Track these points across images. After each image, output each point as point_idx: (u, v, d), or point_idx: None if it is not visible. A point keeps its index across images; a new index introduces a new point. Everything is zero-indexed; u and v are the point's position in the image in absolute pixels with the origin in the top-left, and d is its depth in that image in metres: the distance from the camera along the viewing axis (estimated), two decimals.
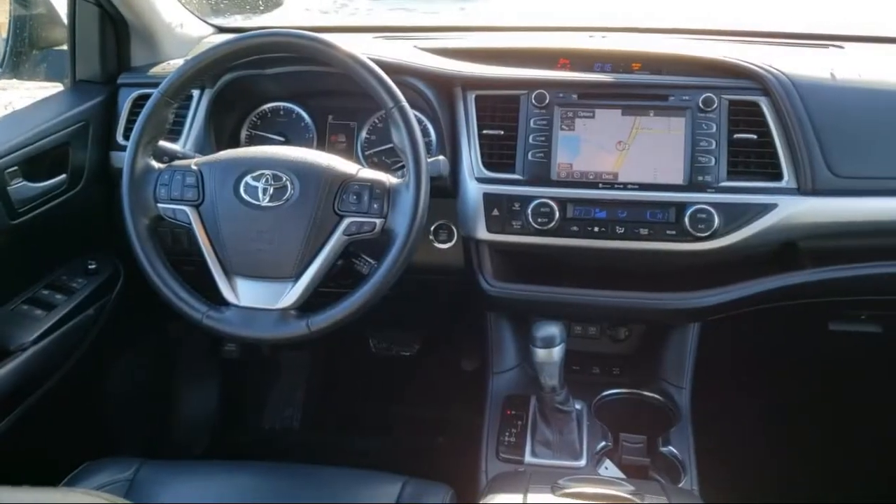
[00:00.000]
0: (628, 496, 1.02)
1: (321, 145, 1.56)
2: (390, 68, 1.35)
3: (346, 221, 1.21)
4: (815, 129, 1.35)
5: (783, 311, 1.47)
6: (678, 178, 1.37)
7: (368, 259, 1.30)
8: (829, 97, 1.39)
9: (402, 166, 1.24)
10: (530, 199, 1.38)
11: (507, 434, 1.36)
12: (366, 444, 2.03)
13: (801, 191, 1.35)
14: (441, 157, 1.34)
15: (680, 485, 1.27)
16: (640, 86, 1.43)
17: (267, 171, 1.23)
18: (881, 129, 1.38)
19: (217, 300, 1.24)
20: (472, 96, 1.45)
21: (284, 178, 1.23)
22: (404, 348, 2.06)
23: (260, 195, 1.22)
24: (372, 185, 1.23)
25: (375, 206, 1.21)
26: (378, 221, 1.21)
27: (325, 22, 2.53)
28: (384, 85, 1.24)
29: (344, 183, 1.23)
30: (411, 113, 1.24)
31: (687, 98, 1.39)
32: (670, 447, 1.34)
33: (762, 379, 1.88)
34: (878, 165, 1.36)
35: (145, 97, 1.38)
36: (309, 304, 1.22)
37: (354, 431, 2.10)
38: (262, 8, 2.36)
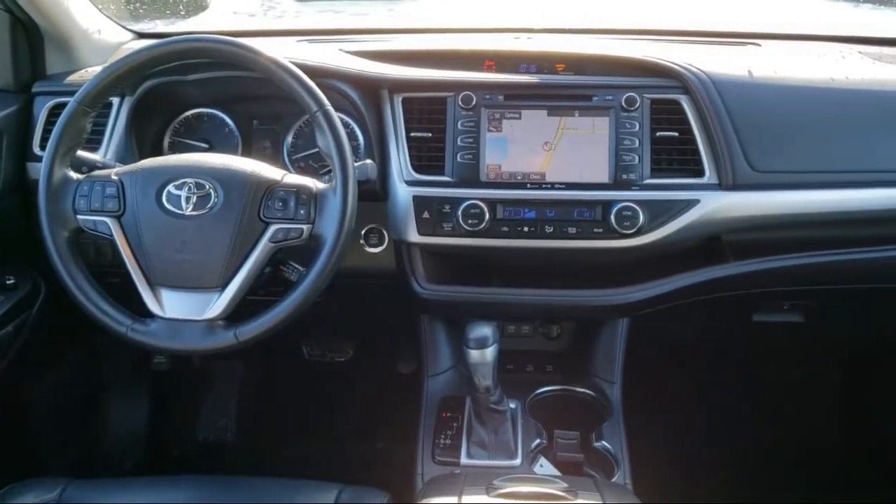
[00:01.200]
0: (562, 493, 1.03)
1: (246, 151, 1.54)
2: (314, 72, 1.34)
3: (272, 228, 1.20)
4: (734, 126, 1.38)
5: (709, 304, 1.50)
6: (604, 176, 1.39)
7: (297, 266, 1.28)
8: (746, 94, 1.43)
9: (330, 171, 1.23)
10: (460, 200, 1.38)
11: (442, 436, 1.36)
12: (302, 453, 2.00)
13: (721, 186, 1.39)
14: (368, 161, 1.34)
15: (613, 479, 1.29)
16: (564, 86, 1.45)
17: (189, 180, 1.21)
18: (796, 125, 1.42)
19: (143, 312, 1.21)
20: (398, 99, 1.44)
21: (208, 186, 1.20)
22: (339, 354, 2.04)
23: (183, 204, 1.20)
24: (298, 191, 1.21)
25: (302, 212, 1.20)
26: (305, 227, 1.20)
27: (252, 25, 2.48)
28: (307, 89, 1.22)
29: (269, 189, 1.21)
30: (336, 116, 1.23)
31: (610, 98, 1.41)
32: (603, 442, 1.36)
33: (691, 370, 1.93)
34: (795, 160, 1.41)
35: (62, 106, 1.34)
36: (237, 314, 1.20)
37: (290, 440, 2.07)
38: (183, 12, 2.31)
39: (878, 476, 1.93)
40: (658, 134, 1.41)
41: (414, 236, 1.40)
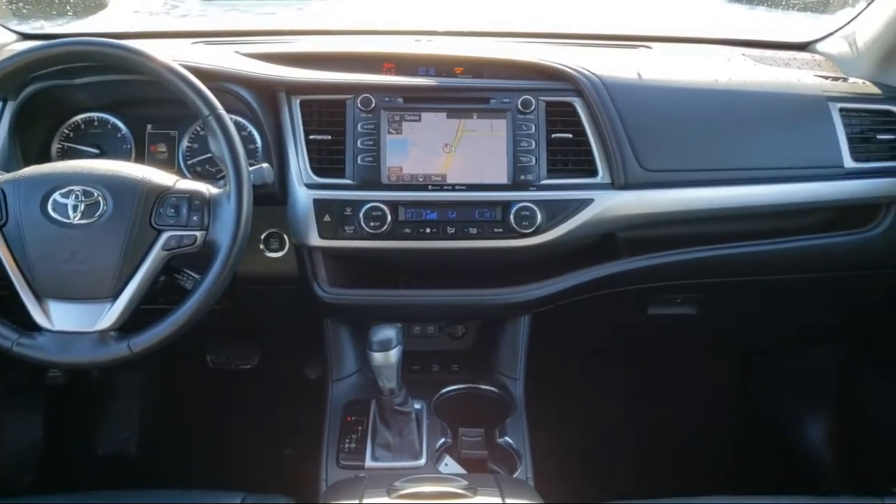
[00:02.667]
0: (461, 491, 1.04)
1: (140, 157, 1.49)
2: (207, 75, 1.32)
3: (164, 236, 1.17)
4: (625, 127, 1.43)
5: (607, 299, 1.55)
6: (503, 177, 1.42)
7: (192, 273, 1.26)
8: (636, 96, 1.48)
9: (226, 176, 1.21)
10: (362, 203, 1.38)
11: (347, 440, 1.35)
12: (209, 463, 1.96)
13: (614, 185, 1.43)
14: (265, 165, 1.32)
15: (516, 474, 1.31)
16: (462, 89, 1.47)
17: (76, 187, 1.17)
18: (683, 125, 1.48)
19: (30, 326, 1.16)
20: (296, 101, 1.43)
21: (96, 194, 1.17)
22: (244, 361, 2.01)
23: (70, 213, 1.16)
24: (191, 197, 1.19)
25: (195, 218, 1.18)
26: (199, 234, 1.18)
27: (151, 26, 2.41)
28: (198, 93, 1.20)
29: (161, 195, 1.18)
30: (229, 120, 1.22)
31: (507, 100, 1.44)
32: (506, 438, 1.38)
33: (591, 364, 1.99)
34: (682, 159, 1.47)
35: None
36: (131, 324, 1.17)
37: (195, 451, 2.03)
38: (71, 12, 2.22)
39: (768, 462, 2.04)
40: (553, 136, 1.44)
41: (315, 240, 1.39)
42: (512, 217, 1.39)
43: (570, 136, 1.45)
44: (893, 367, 1.73)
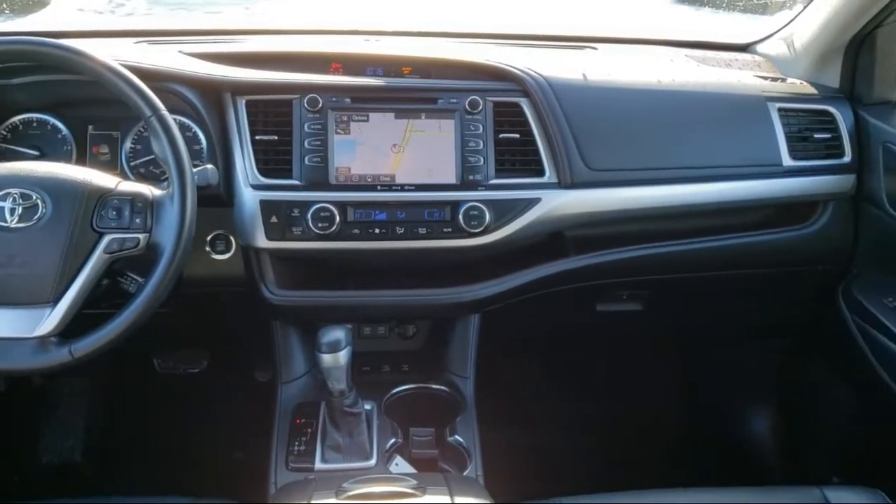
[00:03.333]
0: (410, 491, 1.04)
1: (81, 158, 1.46)
2: (149, 75, 1.30)
3: (106, 239, 1.15)
4: (571, 127, 1.45)
5: (555, 296, 1.57)
6: (451, 177, 1.43)
7: (135, 277, 1.23)
8: (582, 97, 1.50)
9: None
10: (309, 204, 1.37)
11: (296, 443, 1.34)
12: (158, 469, 1.93)
13: (561, 185, 1.45)
14: (209, 166, 1.31)
15: (465, 472, 1.32)
16: (410, 89, 1.47)
17: (13, 190, 1.14)
18: (627, 125, 1.51)
19: None
20: (242, 102, 1.41)
21: (35, 197, 1.14)
22: (192, 365, 1.97)
23: (7, 216, 1.13)
24: (133, 199, 1.17)
25: (138, 220, 1.17)
26: (142, 237, 1.16)
27: (95, 25, 2.36)
28: (140, 93, 1.19)
29: (102, 198, 1.16)
30: (172, 121, 1.20)
31: (455, 101, 1.44)
32: (457, 436, 1.39)
33: (541, 361, 2.01)
34: (627, 158, 1.49)
35: None
36: (73, 329, 1.15)
37: (143, 457, 1.99)
38: (8, 11, 2.16)
39: (713, 455, 2.08)
40: (501, 136, 1.45)
41: (262, 241, 1.38)
42: (461, 217, 1.40)
43: (518, 136, 1.46)
44: (832, 360, 1.78)
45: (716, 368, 2.17)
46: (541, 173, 1.45)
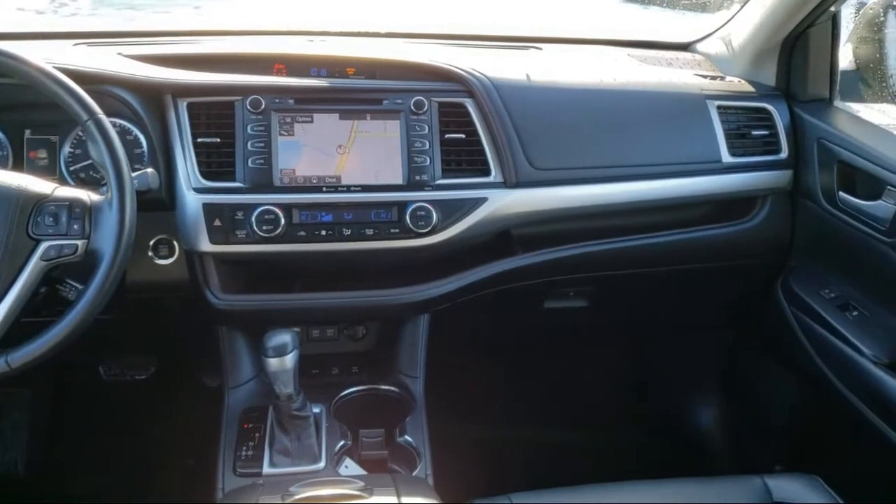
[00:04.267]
0: (357, 493, 1.04)
1: (18, 164, 1.42)
2: (86, 78, 1.28)
3: (43, 246, 1.13)
4: (516, 127, 1.46)
5: (504, 294, 1.58)
6: (398, 178, 1.43)
7: (75, 284, 1.21)
8: (526, 97, 1.51)
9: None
10: (254, 206, 1.36)
11: (244, 448, 1.33)
12: (107, 479, 1.89)
13: (507, 184, 1.46)
14: (149, 170, 1.28)
15: (415, 472, 1.32)
16: (354, 90, 1.47)
17: None
18: (570, 124, 1.53)
19: None
20: (183, 104, 1.39)
21: None
22: (139, 372, 1.94)
23: None
24: (70, 205, 1.15)
25: (76, 226, 1.14)
26: (80, 243, 1.14)
27: (32, 27, 2.31)
28: (76, 97, 1.16)
29: (38, 204, 1.14)
30: (109, 125, 1.18)
31: (400, 101, 1.44)
32: (406, 437, 1.39)
33: (490, 359, 2.02)
34: (570, 157, 1.51)
35: None
36: (11, 339, 1.12)
37: (90, 468, 1.95)
38: None
39: (662, 446, 2.12)
40: (447, 136, 1.46)
41: (206, 245, 1.36)
42: (408, 217, 1.40)
43: (463, 136, 1.47)
44: (773, 351, 1.83)
45: (662, 361, 2.21)
46: (486, 173, 1.46)
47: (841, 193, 1.52)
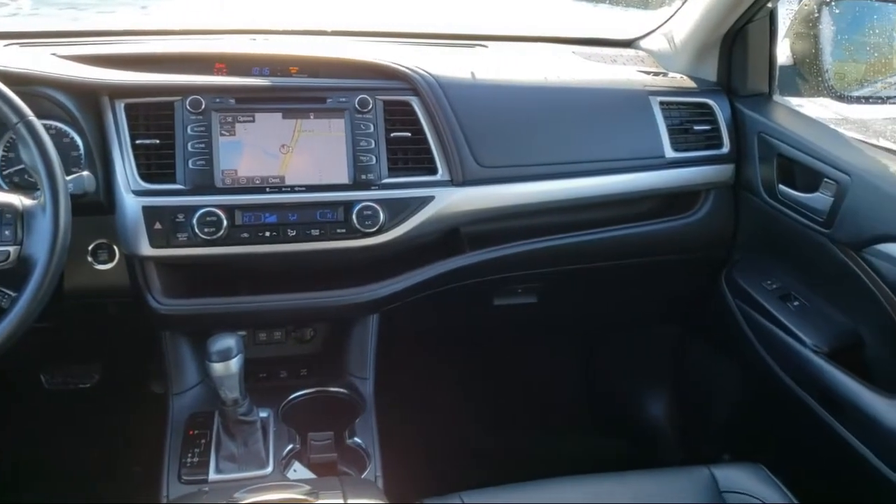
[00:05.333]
0: (303, 497, 1.03)
1: None
2: (16, 79, 1.24)
3: None
4: (461, 125, 1.46)
5: (453, 293, 1.58)
6: (343, 177, 1.41)
7: (8, 291, 1.17)
8: (471, 95, 1.51)
9: None
10: (195, 208, 1.33)
11: (189, 455, 1.30)
12: (51, 489, 1.84)
13: (454, 182, 1.46)
14: (85, 173, 1.25)
15: (364, 474, 1.31)
16: (297, 89, 1.45)
17: None
18: (515, 122, 1.53)
19: None
20: (120, 105, 1.36)
21: None
22: (83, 380, 1.89)
23: None
24: (1, 210, 1.12)
25: (7, 232, 1.11)
26: (12, 249, 1.11)
27: None
28: (4, 98, 1.13)
29: None
30: (40, 127, 1.15)
31: (344, 100, 1.43)
32: (356, 438, 1.38)
33: (441, 358, 2.02)
34: (515, 155, 1.51)
35: None
36: None
37: (32, 481, 1.89)
38: None
39: (613, 440, 2.14)
40: (392, 134, 1.45)
41: (146, 249, 1.33)
42: (354, 217, 1.39)
43: (409, 134, 1.46)
44: (719, 343, 1.86)
45: (613, 355, 2.23)
46: (433, 171, 1.46)
47: (781, 186, 1.55)
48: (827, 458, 1.49)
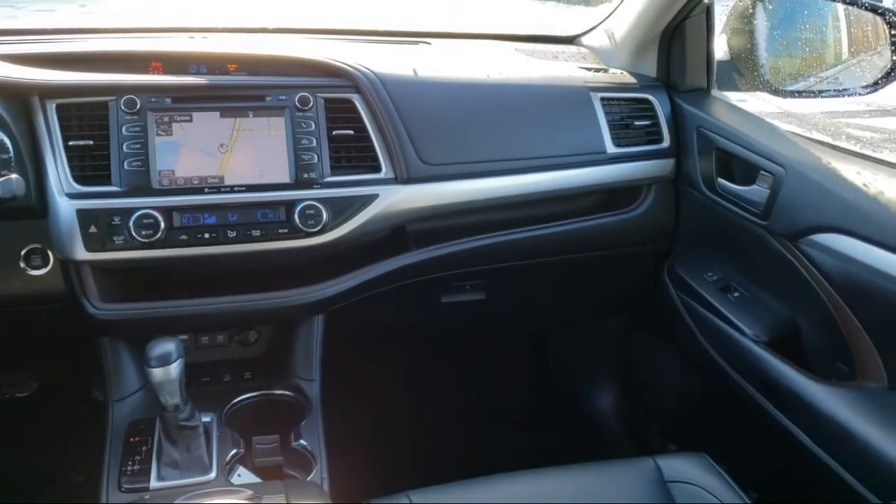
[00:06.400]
0: (245, 501, 1.01)
1: None
2: None
3: None
4: (404, 122, 1.45)
5: (400, 291, 1.57)
6: (284, 176, 1.39)
7: None
8: (414, 92, 1.50)
9: None
10: (131, 211, 1.30)
11: (130, 462, 1.27)
12: None
13: (398, 180, 1.45)
14: (14, 176, 1.22)
15: (310, 477, 1.30)
16: (235, 87, 1.42)
17: None
18: (458, 119, 1.53)
19: None
20: (52, 106, 1.32)
21: None
22: (20, 389, 1.83)
23: None
24: None
25: None
26: None
27: None
28: None
29: None
30: None
31: (284, 98, 1.41)
32: (301, 441, 1.36)
33: (390, 357, 2.01)
34: (459, 152, 1.51)
35: None
36: None
37: None
38: None
39: (563, 434, 2.16)
40: (335, 132, 1.43)
41: (81, 253, 1.30)
42: (296, 216, 1.37)
43: (352, 132, 1.44)
44: (664, 335, 1.89)
45: (560, 350, 2.25)
46: (377, 169, 1.45)
47: (719, 180, 1.58)
48: (768, 445, 1.52)
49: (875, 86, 1.53)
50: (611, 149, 1.61)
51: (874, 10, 1.52)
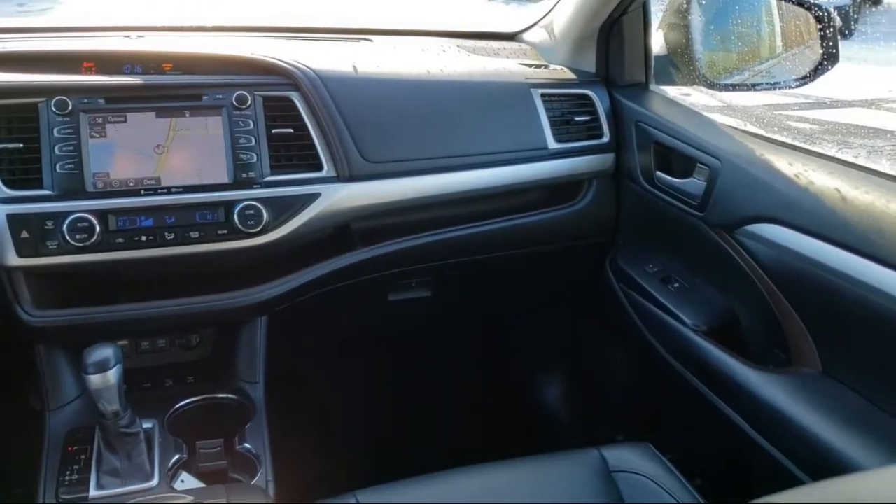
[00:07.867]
0: None
1: None
2: None
3: None
4: (345, 120, 1.44)
5: (346, 290, 1.56)
6: (223, 176, 1.37)
7: None
8: (354, 89, 1.50)
9: None
10: (65, 214, 1.27)
11: (68, 472, 1.25)
12: None
13: (340, 178, 1.44)
14: None
15: (255, 480, 1.28)
16: (171, 87, 1.40)
17: None
18: (399, 116, 1.52)
19: None
20: None
21: None
22: None
23: None
24: None
25: None
26: None
27: None
28: None
29: None
30: None
31: (221, 97, 1.39)
32: (246, 444, 1.34)
33: (334, 357, 2.00)
34: (401, 149, 1.51)
35: None
36: None
37: None
38: None
39: (513, 428, 2.17)
40: (274, 131, 1.42)
41: (13, 259, 1.26)
42: (236, 217, 1.35)
43: (291, 130, 1.43)
44: (608, 327, 1.91)
45: (509, 346, 2.26)
46: (318, 167, 1.44)
47: (658, 173, 1.61)
48: (709, 432, 1.55)
49: (806, 78, 1.57)
50: (552, 144, 1.62)
51: (802, 4, 1.55)
